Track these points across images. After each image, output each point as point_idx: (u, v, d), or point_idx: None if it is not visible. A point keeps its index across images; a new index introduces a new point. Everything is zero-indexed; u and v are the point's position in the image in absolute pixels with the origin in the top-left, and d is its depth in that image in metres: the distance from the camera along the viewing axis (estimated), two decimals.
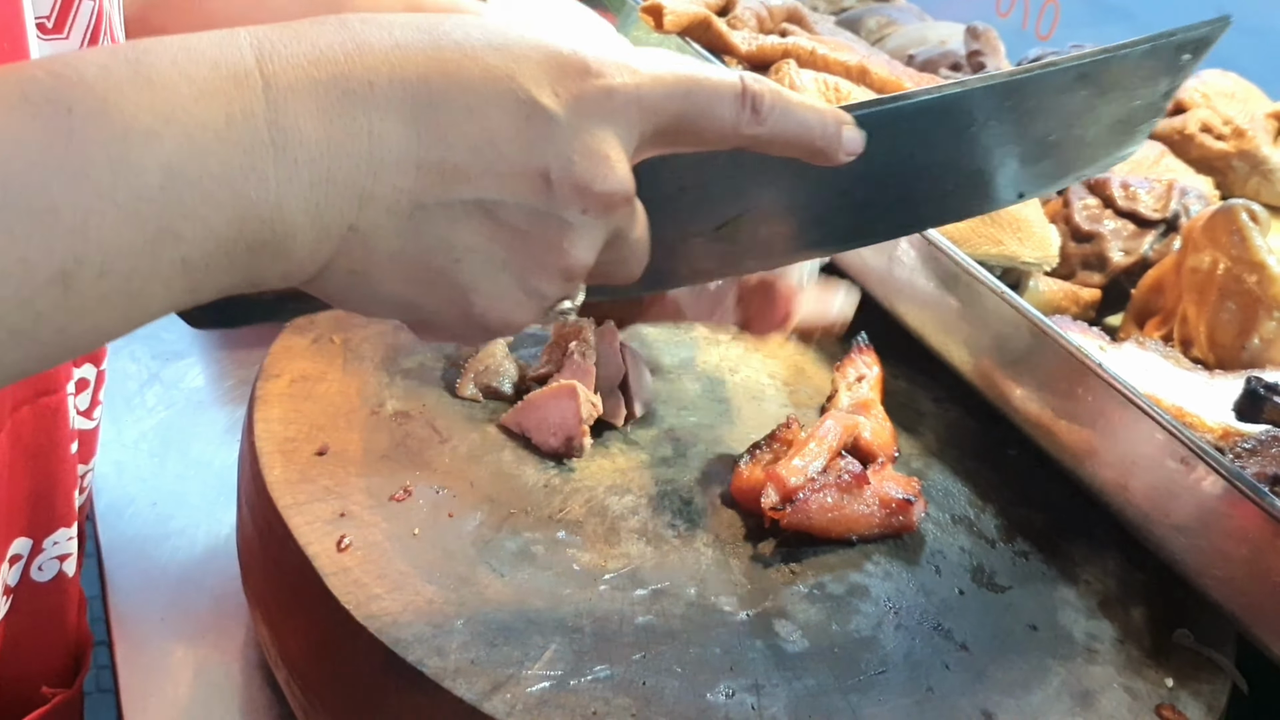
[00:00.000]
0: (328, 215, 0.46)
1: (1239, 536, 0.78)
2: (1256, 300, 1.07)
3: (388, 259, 0.48)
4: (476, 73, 0.47)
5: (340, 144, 0.45)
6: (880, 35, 1.72)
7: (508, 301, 0.52)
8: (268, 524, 0.80)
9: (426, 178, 0.47)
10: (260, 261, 0.46)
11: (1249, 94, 1.43)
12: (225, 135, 0.43)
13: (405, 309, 0.51)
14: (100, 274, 0.41)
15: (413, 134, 0.46)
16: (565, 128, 0.48)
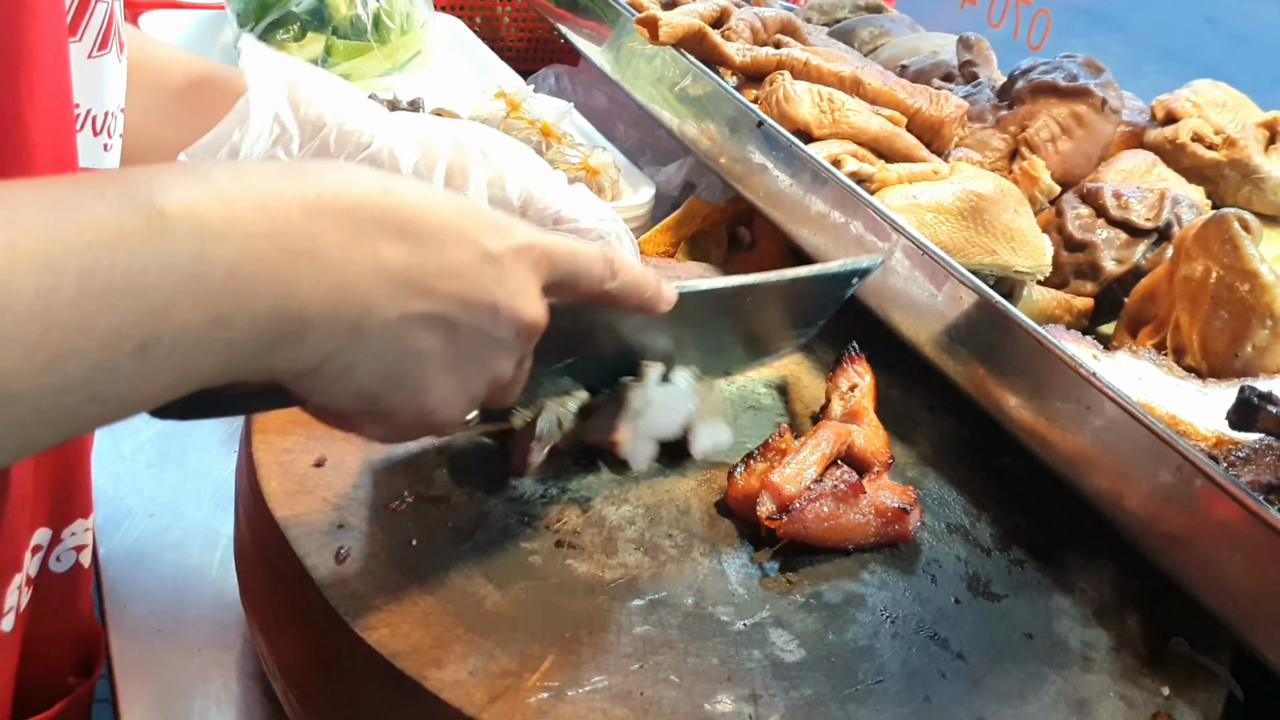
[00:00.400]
0: (340, 314, 0.56)
1: (1234, 545, 0.79)
2: (1249, 309, 1.08)
3: (374, 358, 0.59)
4: (445, 218, 0.60)
5: (355, 260, 0.56)
6: (873, 46, 1.72)
7: (452, 401, 0.64)
8: (266, 536, 0.80)
9: (411, 292, 0.58)
10: (279, 349, 0.55)
11: (1239, 103, 1.44)
12: (274, 241, 0.53)
13: (371, 402, 0.61)
14: (170, 350, 0.50)
15: (402, 254, 0.58)
16: (506, 270, 0.62)
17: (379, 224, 0.57)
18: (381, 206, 0.57)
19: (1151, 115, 1.46)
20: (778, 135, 1.21)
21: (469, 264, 0.60)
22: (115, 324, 0.47)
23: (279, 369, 0.56)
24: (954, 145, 1.38)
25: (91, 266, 0.46)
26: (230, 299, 0.51)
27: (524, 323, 0.64)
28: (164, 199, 0.49)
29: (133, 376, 0.49)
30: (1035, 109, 1.40)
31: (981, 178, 1.25)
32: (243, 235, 0.51)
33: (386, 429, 0.65)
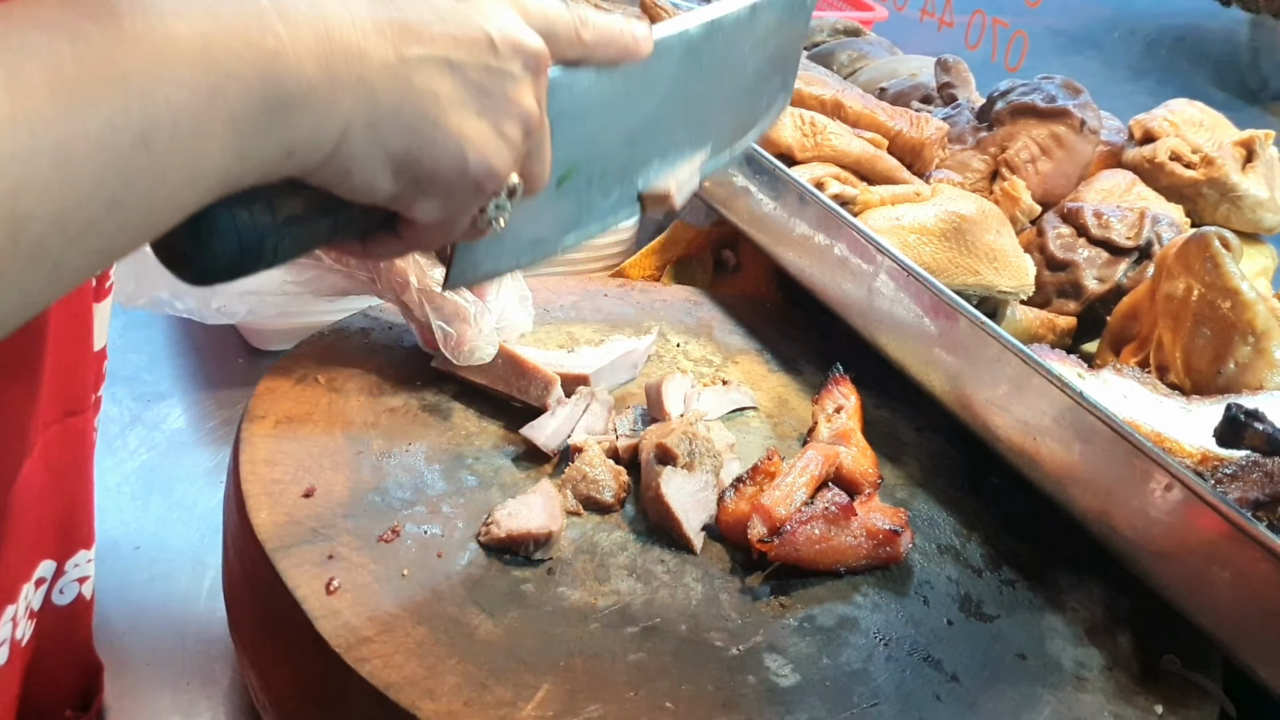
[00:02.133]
0: (338, 67, 0.53)
1: (1223, 561, 0.79)
2: (1231, 326, 1.09)
3: (393, 112, 0.56)
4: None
5: (325, 11, 0.53)
6: (852, 69, 1.73)
7: (489, 144, 0.61)
8: (255, 567, 0.80)
9: (398, 37, 0.56)
10: (291, 119, 0.52)
11: (1216, 122, 1.45)
12: (236, 7, 0.50)
13: (411, 167, 0.58)
14: (171, 134, 0.47)
15: (375, 5, 0.55)
16: (488, 7, 0.60)
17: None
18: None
19: (1129, 135, 1.47)
20: (761, 159, 1.22)
21: (446, 6, 0.58)
22: (104, 115, 0.45)
23: (301, 149, 0.54)
24: (935, 167, 1.39)
25: (56, 66, 0.45)
26: (215, 69, 0.49)
27: (525, 49, 0.61)
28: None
29: (143, 173, 0.47)
30: (1015, 130, 1.41)
31: (963, 199, 1.26)
32: (201, 8, 0.49)
33: (441, 203, 0.61)
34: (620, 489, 0.90)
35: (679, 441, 0.89)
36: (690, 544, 0.85)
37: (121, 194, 0.47)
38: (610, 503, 0.89)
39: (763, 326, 1.19)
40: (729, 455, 0.94)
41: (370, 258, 0.68)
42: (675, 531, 0.85)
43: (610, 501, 0.89)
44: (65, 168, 0.45)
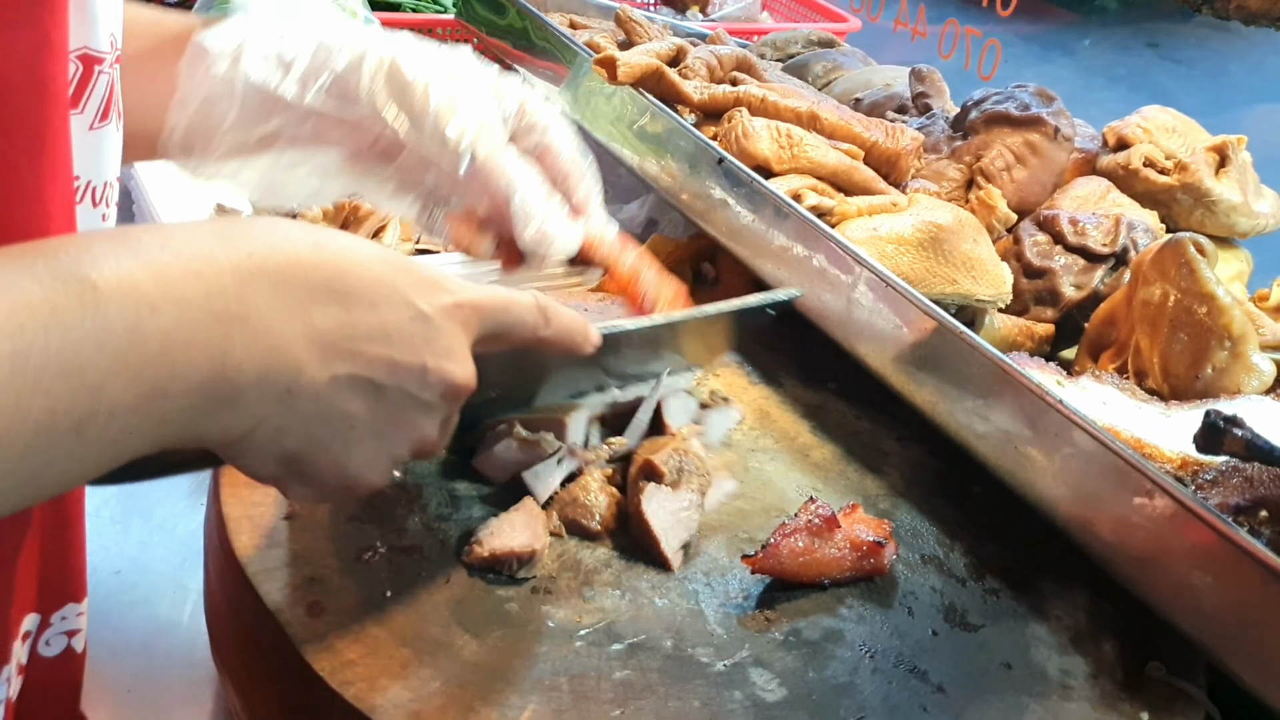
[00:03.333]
0: (272, 379, 0.56)
1: (1205, 567, 0.79)
2: (1207, 331, 1.09)
3: (303, 421, 0.58)
4: (376, 278, 0.60)
5: (286, 321, 0.55)
6: (827, 80, 1.74)
7: (375, 465, 0.64)
8: (237, 591, 0.79)
9: (341, 355, 0.58)
10: (213, 417, 0.54)
11: (1188, 128, 1.47)
12: (207, 307, 0.52)
13: (296, 465, 0.61)
14: (104, 426, 0.49)
15: (334, 316, 0.58)
16: (436, 330, 0.62)
17: (310, 285, 0.57)
18: (312, 264, 0.57)
19: (1103, 142, 1.48)
20: (738, 171, 1.22)
21: (399, 324, 0.60)
22: (50, 405, 0.46)
23: (210, 437, 0.56)
24: (911, 177, 1.40)
25: (25, 349, 0.46)
26: (165, 370, 0.51)
27: (452, 385, 0.64)
28: (95, 272, 0.49)
29: (68, 457, 0.49)
30: (989, 139, 1.41)
31: (940, 208, 1.26)
32: (176, 303, 0.51)
33: (309, 491, 0.64)
34: (610, 519, 0.88)
35: (668, 458, 0.89)
36: (668, 563, 0.85)
37: (41, 473, 0.48)
38: (596, 530, 0.87)
39: (742, 338, 1.19)
40: (723, 475, 0.93)
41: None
42: (654, 550, 0.85)
43: (596, 529, 0.87)
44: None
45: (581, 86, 1.49)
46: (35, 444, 0.47)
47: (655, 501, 0.86)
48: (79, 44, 0.63)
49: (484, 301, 0.66)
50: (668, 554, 0.85)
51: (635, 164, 1.38)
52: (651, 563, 0.85)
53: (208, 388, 0.53)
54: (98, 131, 0.67)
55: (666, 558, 0.84)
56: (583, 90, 1.49)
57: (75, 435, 0.48)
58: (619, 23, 1.59)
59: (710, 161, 1.25)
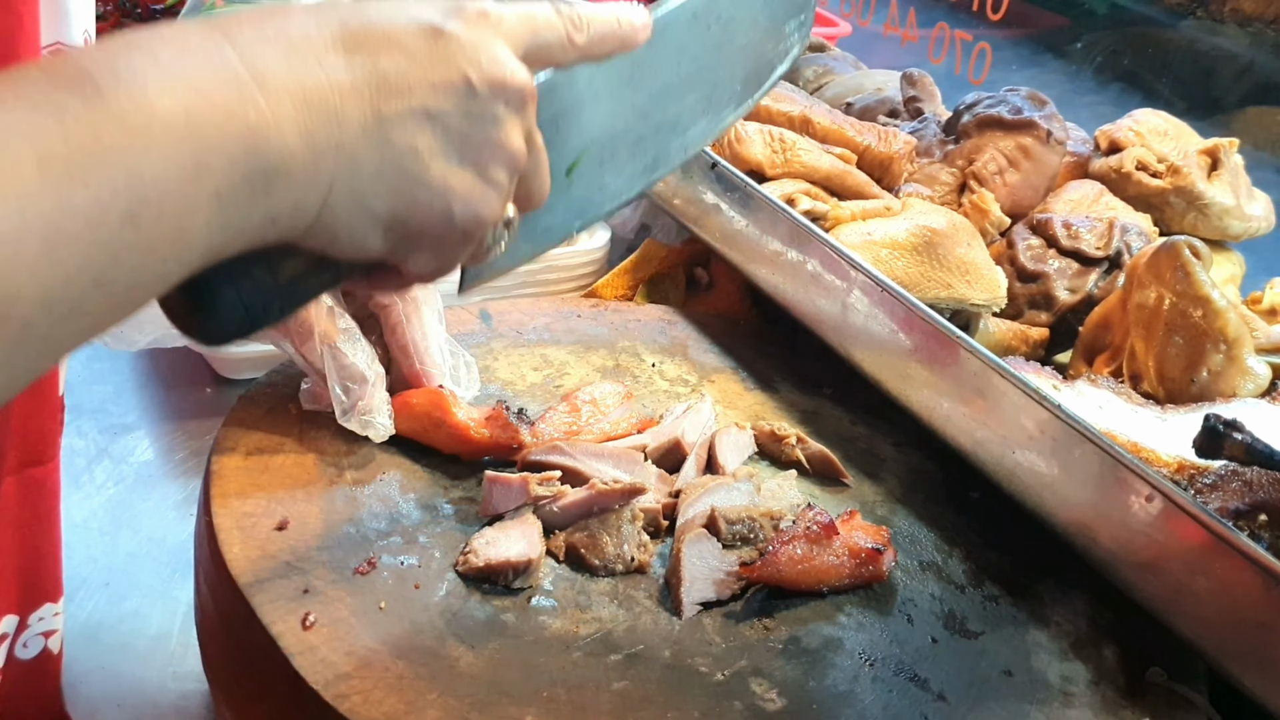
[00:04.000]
0: (317, 135, 0.53)
1: (1205, 572, 0.79)
2: (1203, 334, 1.09)
3: (375, 174, 0.55)
4: (384, 16, 0.56)
5: (302, 76, 0.52)
6: (818, 84, 1.74)
7: (475, 194, 0.60)
8: (229, 603, 0.78)
9: (375, 95, 0.55)
10: (275, 191, 0.52)
11: (1180, 131, 1.46)
12: (217, 79, 0.50)
13: (400, 226, 0.58)
14: (159, 210, 0.47)
15: (352, 63, 0.54)
16: (467, 43, 0.58)
17: (317, 44, 0.54)
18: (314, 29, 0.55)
19: (1095, 145, 1.48)
20: (731, 176, 1.21)
21: (422, 50, 0.57)
22: (92, 194, 0.45)
23: (284, 218, 0.53)
24: (904, 181, 1.39)
25: (44, 144, 0.44)
26: (199, 144, 0.49)
27: (508, 86, 0.59)
28: (97, 71, 0.47)
29: (131, 249, 0.47)
30: (982, 142, 1.41)
31: (934, 213, 1.26)
32: (184, 83, 0.49)
33: (434, 254, 0.61)
34: (618, 562, 0.84)
35: (738, 518, 0.86)
36: (679, 608, 0.81)
37: (109, 271, 0.47)
38: (595, 565, 0.84)
39: (737, 344, 1.18)
40: (786, 516, 0.90)
41: (378, 292, 0.67)
42: (673, 591, 0.82)
43: (595, 565, 0.84)
44: (53, 247, 0.44)
45: None
46: (93, 239, 0.45)
47: (698, 549, 0.84)
48: (52, 39, 0.63)
49: (508, 13, 0.61)
50: (684, 600, 0.81)
51: None
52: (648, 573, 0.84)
53: (251, 157, 0.50)
54: None
55: (681, 603, 0.81)
56: None
57: (133, 226, 0.46)
58: None
59: (703, 166, 1.24)
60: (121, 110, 0.47)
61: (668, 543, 0.87)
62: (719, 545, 0.84)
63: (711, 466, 0.95)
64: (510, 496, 0.85)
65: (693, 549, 0.83)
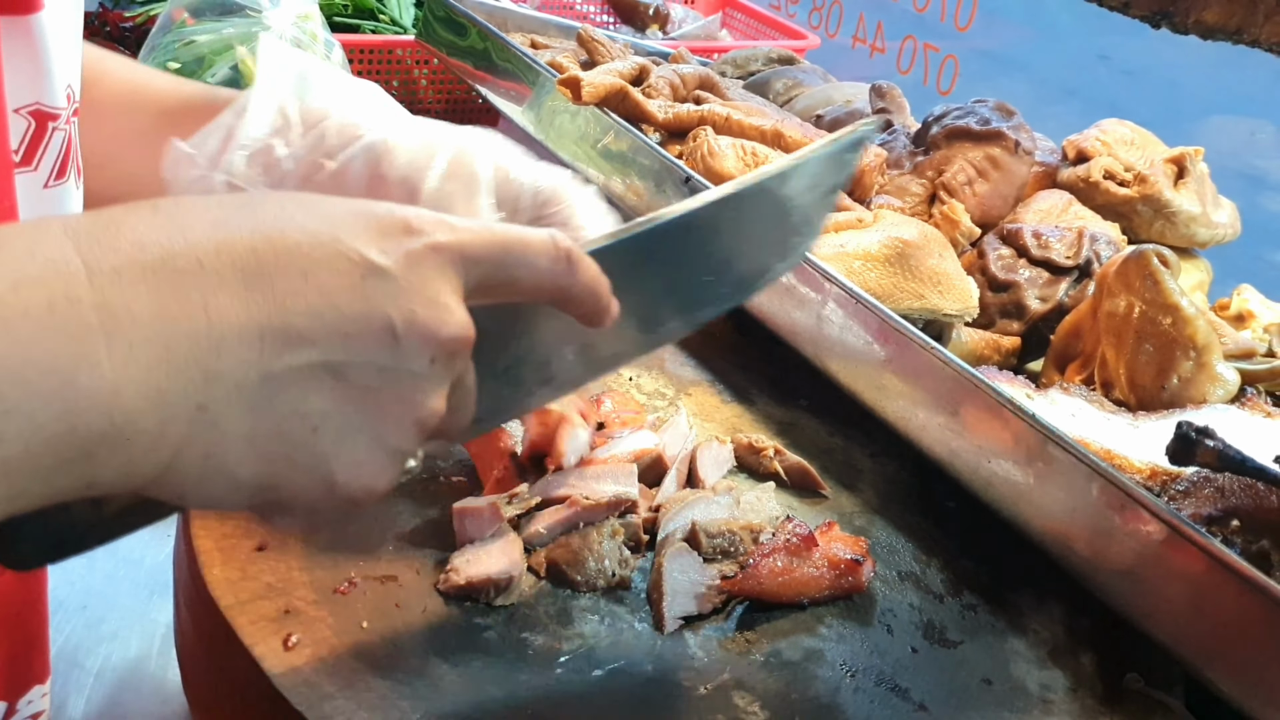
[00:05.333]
0: (171, 396, 0.44)
1: (1179, 577, 0.80)
2: (1173, 341, 1.10)
3: (243, 439, 0.47)
4: (303, 239, 0.47)
5: (176, 322, 0.44)
6: (788, 97, 1.75)
7: (369, 466, 0.51)
8: (210, 625, 0.78)
9: (270, 346, 0.46)
10: (97, 458, 0.43)
11: (1146, 140, 1.48)
12: (49, 323, 0.41)
13: (265, 492, 0.49)
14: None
15: (250, 303, 0.45)
16: (402, 282, 0.49)
17: (210, 270, 0.45)
18: (212, 248, 0.45)
19: (1063, 155, 1.50)
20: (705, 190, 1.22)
21: (344, 288, 0.47)
22: None
23: (105, 482, 0.44)
24: (874, 192, 1.40)
25: None
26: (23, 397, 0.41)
27: (437, 337, 0.50)
28: None
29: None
30: (951, 153, 1.42)
31: (905, 224, 1.27)
32: (18, 314, 0.41)
33: (295, 517, 0.52)
34: (599, 577, 0.83)
35: (719, 531, 0.86)
36: (661, 623, 0.81)
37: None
38: (576, 581, 0.83)
39: (714, 357, 1.19)
40: (767, 529, 0.90)
41: None
42: (655, 606, 0.82)
43: (577, 580, 0.83)
44: None
45: (544, 106, 1.49)
46: None
47: (679, 563, 0.84)
48: (30, 100, 0.59)
49: (472, 241, 0.52)
50: (665, 615, 0.81)
51: (600, 183, 1.38)
52: (629, 587, 0.85)
53: (71, 424, 0.42)
54: (54, 189, 0.64)
55: (663, 617, 0.81)
56: (546, 110, 1.49)
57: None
58: (581, 43, 1.59)
59: (676, 180, 1.25)
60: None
61: (649, 557, 0.87)
62: (700, 559, 0.85)
63: (692, 480, 0.96)
64: (482, 524, 0.85)
65: (674, 563, 0.84)
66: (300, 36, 1.62)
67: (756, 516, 0.91)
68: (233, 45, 1.59)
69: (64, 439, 0.42)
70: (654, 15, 2.36)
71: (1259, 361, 1.18)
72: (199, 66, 1.58)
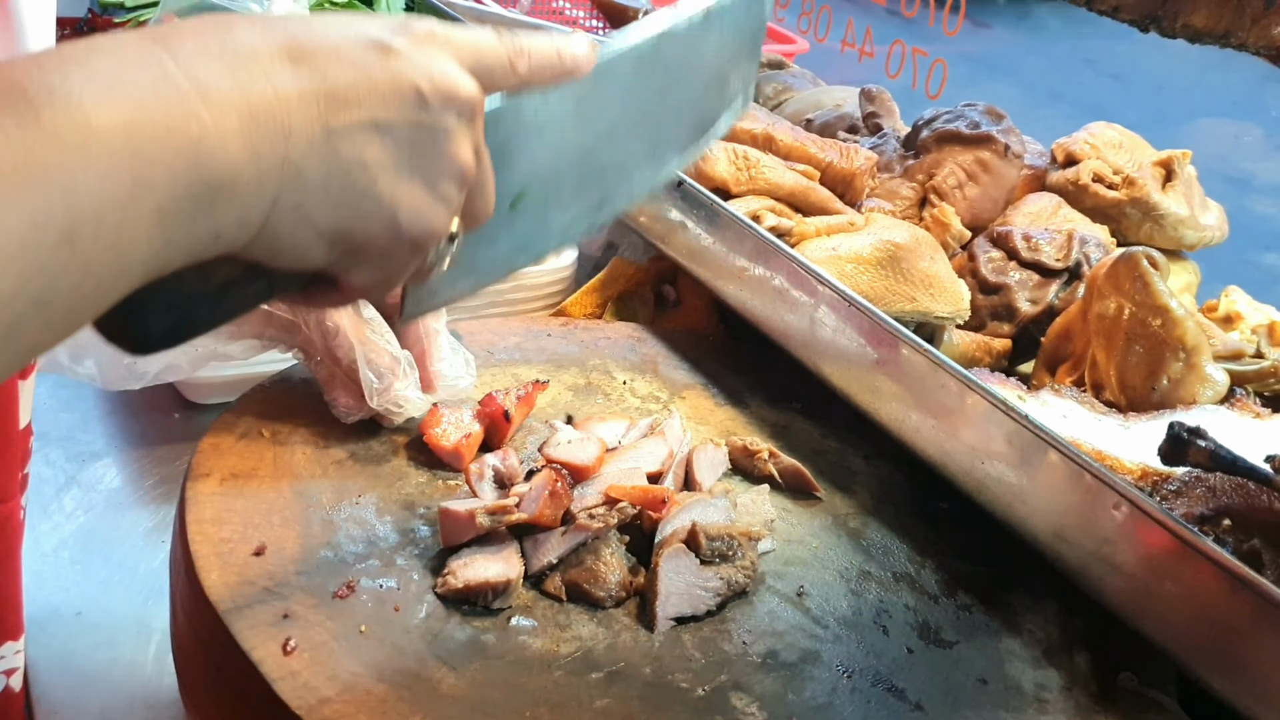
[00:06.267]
0: (263, 149, 0.52)
1: (1172, 576, 0.80)
2: (1162, 342, 1.11)
3: (320, 188, 0.55)
4: (330, 31, 0.56)
5: (248, 89, 0.51)
6: (778, 101, 1.76)
7: (423, 207, 0.59)
8: (207, 630, 0.78)
9: (324, 106, 0.54)
10: (218, 207, 0.51)
11: (1134, 143, 1.49)
12: (158, 92, 0.48)
13: (343, 240, 0.57)
14: (96, 228, 0.46)
15: (299, 74, 0.54)
16: (416, 56, 0.58)
17: (263, 57, 0.53)
18: (260, 42, 0.53)
19: (1052, 158, 1.51)
20: (697, 193, 1.22)
21: (373, 64, 0.56)
22: (28, 214, 0.44)
23: (227, 233, 0.52)
24: (865, 196, 1.41)
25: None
26: (139, 159, 0.47)
27: (458, 97, 0.59)
28: (29, 83, 0.46)
29: (69, 269, 0.46)
30: (941, 157, 1.43)
31: (897, 227, 1.28)
32: (124, 96, 0.47)
33: (377, 267, 0.60)
34: (620, 589, 0.84)
35: (718, 535, 0.86)
36: (654, 621, 0.82)
37: (47, 293, 0.45)
38: (601, 599, 0.83)
39: (707, 360, 1.19)
40: (765, 535, 0.90)
41: (313, 308, 0.66)
42: (649, 606, 0.83)
43: (600, 598, 0.83)
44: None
45: None
46: (30, 260, 0.44)
47: (675, 564, 0.84)
48: None
49: (452, 33, 0.61)
50: (659, 614, 0.82)
51: None
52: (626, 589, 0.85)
53: (194, 170, 0.49)
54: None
55: (656, 616, 0.82)
56: None
57: (69, 245, 0.45)
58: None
59: (669, 184, 1.25)
60: (56, 127, 0.45)
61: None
62: (697, 561, 0.85)
63: (688, 483, 0.96)
64: (461, 530, 0.85)
65: (670, 564, 0.84)
66: None
67: (752, 519, 0.92)
68: None
69: (195, 187, 0.49)
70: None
71: (1247, 362, 1.19)
72: None
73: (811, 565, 0.91)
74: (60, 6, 0.74)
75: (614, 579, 0.83)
